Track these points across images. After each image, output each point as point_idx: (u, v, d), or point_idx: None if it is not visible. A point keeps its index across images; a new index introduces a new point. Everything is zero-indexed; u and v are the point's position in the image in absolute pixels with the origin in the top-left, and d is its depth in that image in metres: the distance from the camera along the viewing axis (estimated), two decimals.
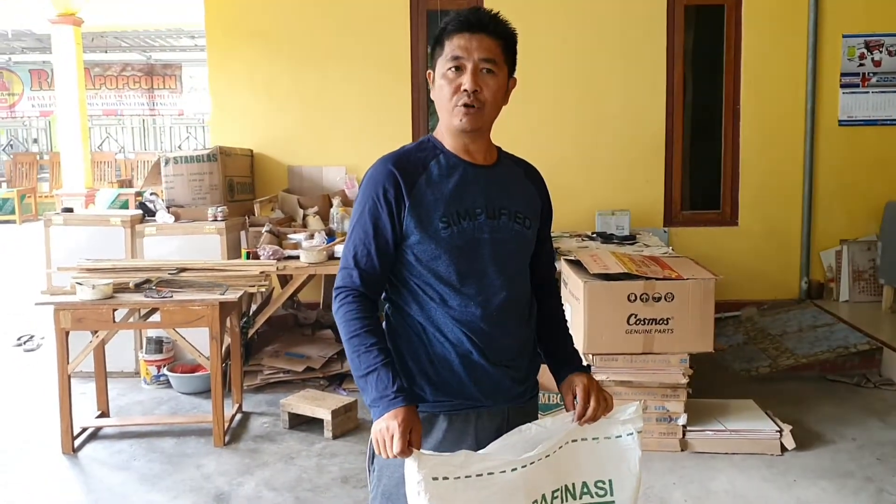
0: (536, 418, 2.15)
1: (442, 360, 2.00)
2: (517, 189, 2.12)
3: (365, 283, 2.00)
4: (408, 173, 2.00)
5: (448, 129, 2.05)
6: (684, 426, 4.33)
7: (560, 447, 1.95)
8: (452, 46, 1.98)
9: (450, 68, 1.98)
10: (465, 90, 1.97)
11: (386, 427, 1.82)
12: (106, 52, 16.50)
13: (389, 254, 2.00)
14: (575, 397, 2.07)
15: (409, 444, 1.80)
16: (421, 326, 2.02)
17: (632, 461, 2.03)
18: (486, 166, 2.09)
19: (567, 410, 2.08)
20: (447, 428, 2.01)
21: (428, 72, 2.09)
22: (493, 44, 2.00)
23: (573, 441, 1.99)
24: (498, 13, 2.03)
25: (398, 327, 2.06)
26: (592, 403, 2.03)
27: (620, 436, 2.03)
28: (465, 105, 1.98)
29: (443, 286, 1.99)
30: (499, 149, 2.18)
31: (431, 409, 2.00)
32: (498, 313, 2.02)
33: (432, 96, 2.07)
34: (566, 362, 2.18)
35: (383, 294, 2.10)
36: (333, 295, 2.03)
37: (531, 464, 1.87)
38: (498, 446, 1.88)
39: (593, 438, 2.01)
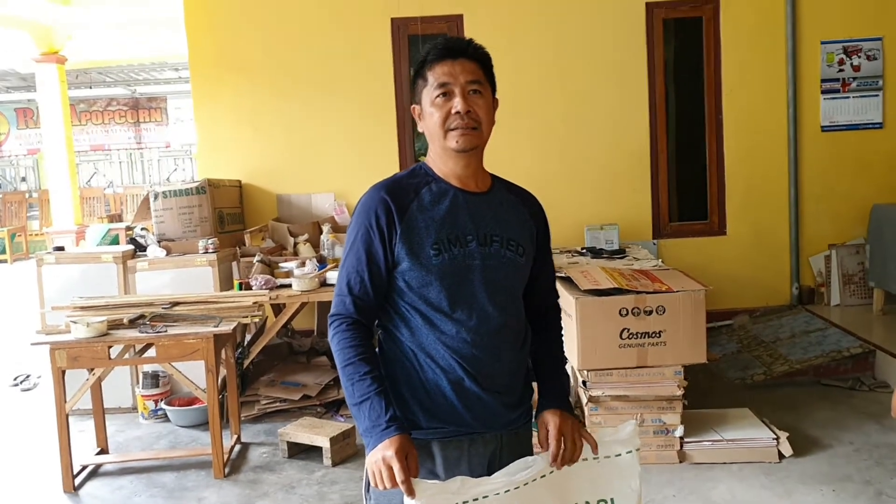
0: (531, 444, 2.17)
1: (434, 386, 2.01)
2: (510, 216, 2.13)
3: (359, 309, 2.02)
4: (400, 200, 2.02)
5: (442, 156, 2.08)
6: (681, 438, 4.35)
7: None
8: (437, 75, 2.03)
9: (438, 95, 2.02)
10: (458, 112, 2.01)
11: (381, 458, 1.84)
12: (90, 87, 16.51)
13: (382, 280, 2.02)
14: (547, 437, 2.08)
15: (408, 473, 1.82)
16: (413, 353, 2.03)
17: (632, 479, 2.05)
18: (479, 193, 2.11)
19: (540, 446, 2.08)
20: (440, 455, 2.02)
21: (413, 107, 2.12)
22: (475, 66, 2.05)
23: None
24: (471, 40, 2.10)
25: (390, 353, 2.07)
26: (566, 446, 2.02)
27: (620, 454, 2.05)
28: (461, 127, 2.02)
29: (434, 312, 2.00)
30: (493, 176, 2.19)
31: (424, 435, 2.01)
32: (489, 339, 2.02)
33: (421, 129, 2.11)
34: (544, 395, 2.17)
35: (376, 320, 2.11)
36: (329, 322, 2.05)
37: (527, 484, 1.88)
38: (496, 475, 1.90)
39: (593, 458, 2.03)
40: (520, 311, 2.15)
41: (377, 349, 2.10)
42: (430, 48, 2.07)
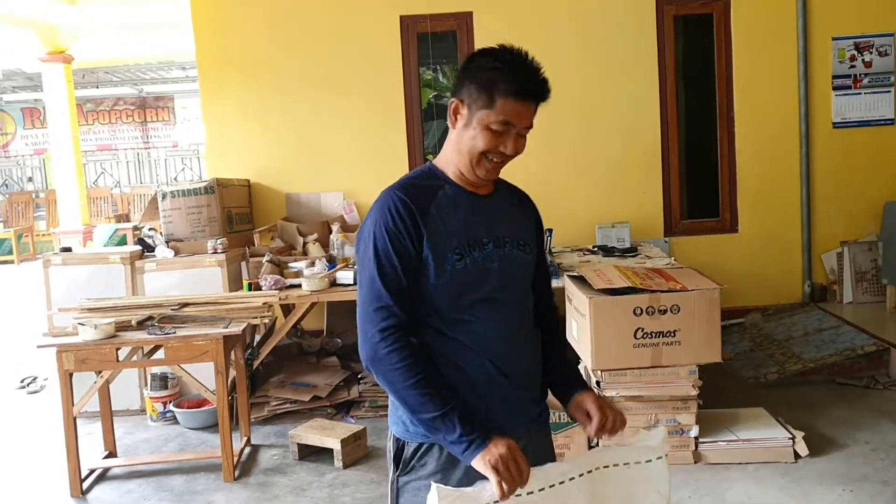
0: (552, 441, 2.20)
1: (465, 387, 1.97)
2: (515, 216, 2.15)
3: (405, 311, 1.93)
4: (419, 202, 1.98)
5: (463, 167, 2.03)
6: (696, 438, 4.30)
7: (589, 471, 1.93)
8: (507, 110, 1.94)
9: (497, 129, 1.95)
10: (504, 153, 1.99)
11: (507, 451, 1.79)
12: (97, 87, 16.50)
13: (413, 280, 1.95)
14: (588, 415, 2.08)
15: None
16: (441, 356, 1.98)
17: (662, 484, 2.01)
18: (486, 196, 2.10)
19: (584, 429, 2.09)
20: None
21: (455, 101, 2.01)
22: (536, 108, 2.00)
23: (604, 467, 1.97)
24: (546, 78, 2.01)
25: None
26: (610, 415, 2.05)
27: (650, 460, 2.02)
28: (496, 162, 2.00)
29: (459, 314, 1.98)
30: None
31: None
32: (512, 337, 2.03)
33: (455, 129, 2.03)
34: (571, 383, 2.17)
35: None
36: (376, 340, 1.91)
37: (553, 486, 1.84)
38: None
39: (624, 464, 2.00)
40: (531, 308, 2.16)
41: None
42: (512, 72, 1.95)
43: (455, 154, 2.04)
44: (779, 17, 6.62)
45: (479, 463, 1.80)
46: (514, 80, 1.94)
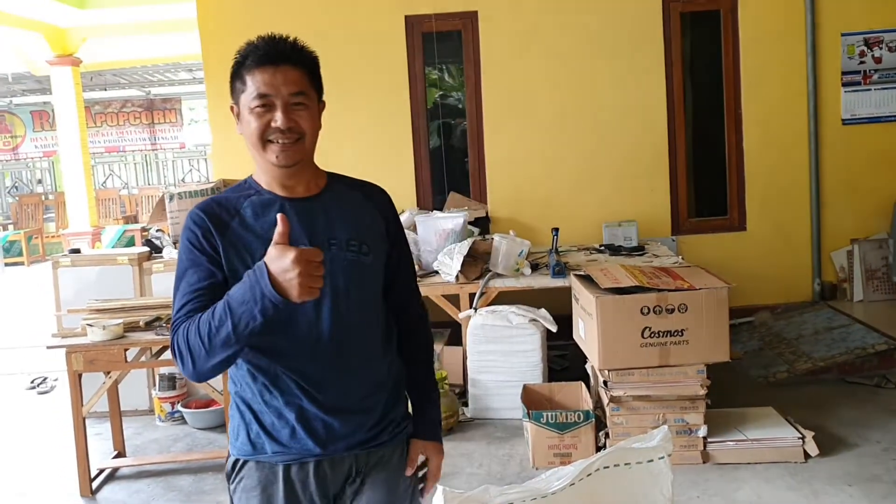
0: (402, 460, 2.06)
1: (274, 409, 1.91)
2: (348, 215, 1.98)
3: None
4: (217, 218, 1.89)
5: (263, 166, 1.94)
6: (705, 438, 4.28)
7: (589, 475, 1.92)
8: (256, 83, 1.86)
9: (257, 106, 1.86)
10: (278, 128, 1.86)
11: (287, 265, 1.62)
12: (105, 89, 16.57)
13: (222, 294, 1.76)
14: (423, 466, 2.10)
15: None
16: (251, 375, 1.92)
17: (664, 485, 2.00)
18: (308, 197, 1.97)
19: (408, 466, 2.06)
20: (282, 478, 1.93)
21: (231, 105, 1.96)
22: (299, 74, 1.90)
23: (605, 468, 1.96)
24: (296, 40, 1.93)
25: (233, 377, 1.98)
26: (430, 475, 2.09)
27: (652, 460, 2.00)
28: (281, 141, 1.87)
29: (267, 331, 1.77)
30: (330, 174, 2.06)
31: (269, 458, 1.93)
32: (331, 355, 1.90)
33: (239, 132, 1.95)
34: (419, 423, 2.12)
35: None
36: (171, 340, 1.81)
37: (554, 493, 1.83)
38: (527, 483, 1.85)
39: (625, 464, 1.98)
40: (375, 320, 2.01)
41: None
42: (249, 49, 1.90)
43: (255, 156, 1.94)
44: (787, 12, 6.58)
45: (279, 287, 1.64)
46: (252, 52, 1.89)
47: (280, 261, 1.62)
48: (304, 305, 1.71)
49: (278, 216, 1.68)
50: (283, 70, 1.87)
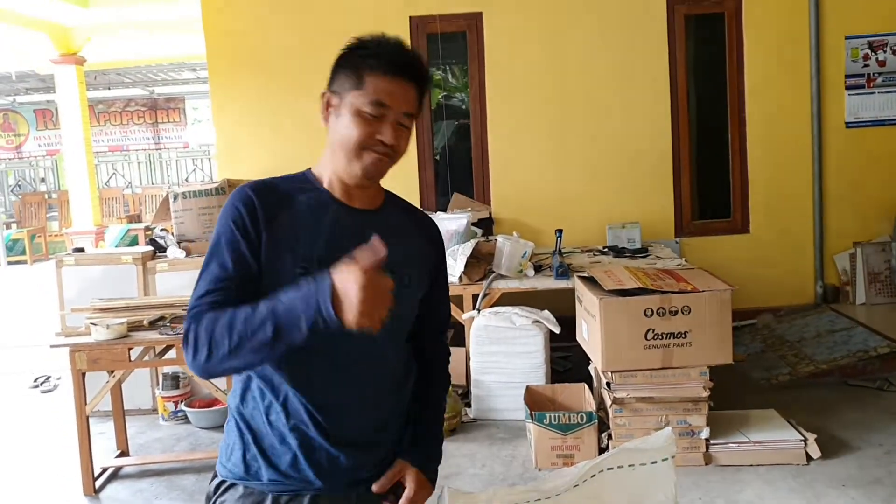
0: None
1: (277, 432, 1.75)
2: (399, 240, 1.78)
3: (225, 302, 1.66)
4: (269, 204, 1.73)
5: (339, 169, 1.79)
6: (707, 440, 4.28)
7: (593, 476, 1.92)
8: (377, 88, 1.73)
9: (369, 112, 1.73)
10: (382, 141, 1.74)
11: (349, 281, 1.50)
12: (109, 88, 16.58)
13: (249, 292, 1.67)
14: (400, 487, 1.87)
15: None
16: (260, 391, 1.77)
17: (668, 487, 2.00)
18: (365, 211, 1.82)
19: (384, 482, 1.85)
20: None
21: (326, 94, 1.80)
22: (415, 94, 1.78)
23: (608, 469, 1.97)
24: (421, 56, 1.82)
25: (237, 390, 1.82)
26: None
27: (655, 461, 2.00)
28: (378, 155, 1.75)
29: (305, 347, 1.65)
30: (387, 193, 1.93)
31: (260, 487, 1.77)
32: (351, 384, 1.77)
33: (328, 124, 1.80)
34: (414, 443, 1.92)
35: None
36: (185, 329, 1.66)
37: (559, 494, 1.84)
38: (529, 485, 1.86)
39: (629, 466, 1.98)
40: (401, 352, 1.89)
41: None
42: (375, 47, 1.77)
43: (331, 154, 1.80)
44: (791, 15, 6.59)
45: (338, 305, 1.52)
46: (381, 55, 1.75)
47: (350, 278, 1.50)
48: (349, 332, 1.55)
49: (375, 238, 1.55)
50: (405, 85, 1.76)
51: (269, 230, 1.71)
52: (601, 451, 4.31)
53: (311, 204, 1.76)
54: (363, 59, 1.75)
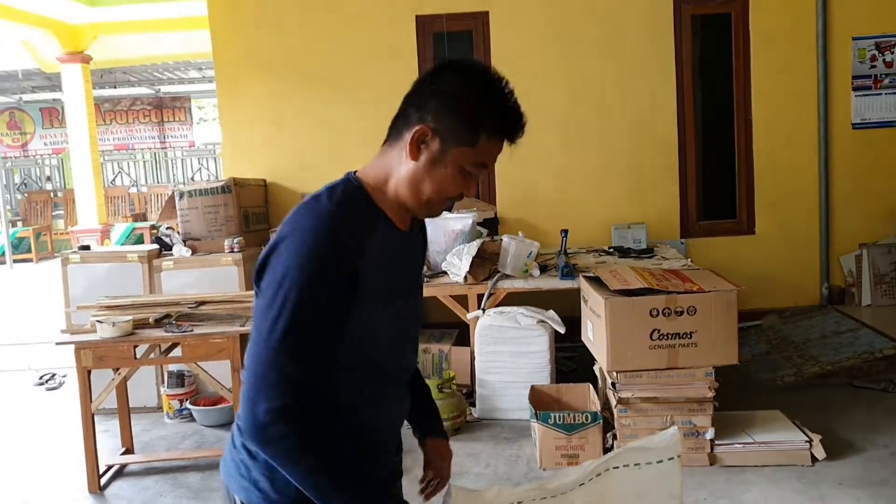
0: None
1: (375, 459, 1.75)
2: (419, 255, 1.86)
3: (309, 390, 1.52)
4: (358, 235, 1.58)
5: (406, 202, 1.68)
6: (712, 440, 4.28)
7: (599, 475, 1.92)
8: (490, 152, 1.64)
9: (472, 171, 1.64)
10: (463, 196, 1.69)
11: None
12: (115, 87, 16.60)
13: (332, 345, 1.56)
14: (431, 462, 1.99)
15: None
16: (357, 424, 1.69)
17: (674, 486, 1.99)
18: (404, 232, 1.74)
19: (429, 473, 1.98)
20: None
21: (422, 128, 1.63)
22: None
23: (614, 468, 1.96)
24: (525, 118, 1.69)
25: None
26: (442, 474, 1.98)
27: (661, 461, 1.99)
28: (451, 204, 1.72)
29: (377, 374, 1.68)
30: None
31: None
32: (402, 396, 1.85)
33: (417, 162, 1.65)
34: (435, 420, 2.04)
35: None
36: (271, 418, 1.47)
37: (564, 493, 1.83)
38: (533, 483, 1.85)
39: (635, 465, 1.97)
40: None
41: None
42: (502, 112, 1.63)
43: (406, 188, 1.66)
44: (798, 15, 6.57)
45: None
46: (502, 117, 1.63)
47: None
48: (403, 348, 1.73)
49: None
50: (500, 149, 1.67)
51: (362, 265, 1.57)
52: (606, 451, 4.31)
53: (384, 234, 1.65)
54: (483, 115, 1.61)
